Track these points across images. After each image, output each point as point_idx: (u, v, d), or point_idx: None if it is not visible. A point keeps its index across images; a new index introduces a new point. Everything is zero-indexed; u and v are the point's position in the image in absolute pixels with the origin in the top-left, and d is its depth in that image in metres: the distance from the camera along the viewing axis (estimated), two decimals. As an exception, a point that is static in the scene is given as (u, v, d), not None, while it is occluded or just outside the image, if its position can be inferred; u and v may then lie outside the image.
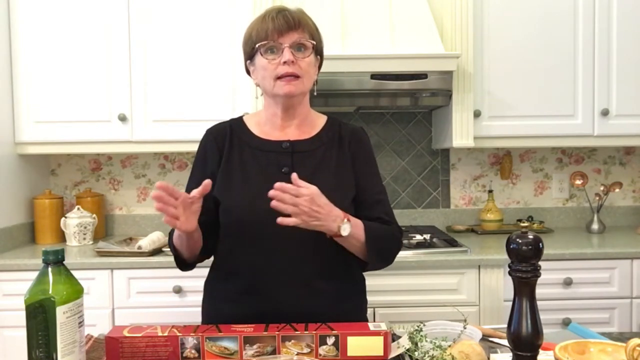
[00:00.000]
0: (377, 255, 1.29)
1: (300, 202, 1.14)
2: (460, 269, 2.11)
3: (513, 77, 2.39)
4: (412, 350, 1.07)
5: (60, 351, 0.96)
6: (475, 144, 2.37)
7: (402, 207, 2.75)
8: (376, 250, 1.28)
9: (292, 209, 1.14)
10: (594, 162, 2.80)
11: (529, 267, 0.93)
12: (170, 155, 2.73)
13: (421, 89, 2.24)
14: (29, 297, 0.96)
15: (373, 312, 2.08)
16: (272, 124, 1.36)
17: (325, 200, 1.18)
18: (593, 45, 2.39)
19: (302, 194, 1.14)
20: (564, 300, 2.13)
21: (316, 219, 1.17)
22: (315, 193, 1.16)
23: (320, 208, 1.17)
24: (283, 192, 1.13)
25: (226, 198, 1.29)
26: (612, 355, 0.94)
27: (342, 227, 1.20)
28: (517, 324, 0.94)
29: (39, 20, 2.35)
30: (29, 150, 2.41)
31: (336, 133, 1.37)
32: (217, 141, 1.35)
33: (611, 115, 2.40)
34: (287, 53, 1.24)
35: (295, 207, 1.14)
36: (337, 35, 2.24)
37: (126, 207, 2.74)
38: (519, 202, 2.79)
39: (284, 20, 1.25)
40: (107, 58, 2.36)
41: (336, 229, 1.20)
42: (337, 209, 1.21)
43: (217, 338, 1.07)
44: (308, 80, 1.30)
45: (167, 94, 2.37)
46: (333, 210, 1.19)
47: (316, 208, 1.16)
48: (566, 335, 1.19)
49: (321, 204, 1.17)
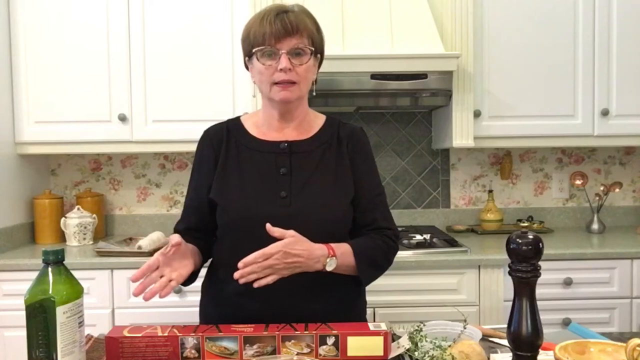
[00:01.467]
0: (369, 274, 1.31)
1: (272, 263, 1.14)
2: (460, 269, 2.11)
3: (513, 77, 2.39)
4: (412, 350, 1.07)
5: (60, 351, 0.96)
6: (475, 144, 2.37)
7: (402, 207, 2.75)
8: (368, 271, 1.30)
9: (268, 272, 1.15)
10: (594, 162, 2.80)
11: (529, 267, 0.93)
12: (170, 155, 2.73)
13: (421, 89, 2.23)
14: (29, 297, 0.96)
15: (373, 312, 2.08)
16: (270, 125, 1.35)
17: (302, 245, 1.17)
18: (593, 45, 2.39)
19: (270, 254, 1.14)
20: (564, 300, 2.13)
21: (297, 267, 1.18)
22: (287, 244, 1.15)
23: (297, 257, 1.17)
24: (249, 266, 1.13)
25: (223, 199, 1.29)
26: (612, 355, 0.94)
27: (328, 264, 1.21)
28: (517, 324, 0.94)
29: (38, 20, 2.35)
30: (29, 150, 2.41)
31: (335, 133, 1.36)
32: (214, 142, 1.34)
33: (611, 115, 2.40)
34: (284, 60, 1.22)
35: (270, 269, 1.15)
36: (337, 35, 2.24)
37: (126, 207, 2.74)
38: (519, 202, 2.79)
39: (282, 25, 1.22)
40: (107, 58, 2.36)
41: (321, 268, 1.21)
42: (319, 247, 1.21)
43: (217, 338, 1.07)
44: (305, 85, 1.29)
45: (167, 94, 2.37)
46: (314, 251, 1.19)
47: (292, 260, 1.16)
48: (566, 335, 1.19)
49: (298, 252, 1.16)
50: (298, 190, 1.27)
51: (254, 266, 1.13)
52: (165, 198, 2.74)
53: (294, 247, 1.16)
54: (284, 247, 1.15)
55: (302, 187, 1.28)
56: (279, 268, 1.15)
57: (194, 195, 1.35)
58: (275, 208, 1.25)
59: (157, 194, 2.74)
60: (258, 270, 1.14)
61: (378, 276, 1.35)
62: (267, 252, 1.14)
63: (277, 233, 1.16)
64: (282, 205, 1.25)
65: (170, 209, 2.73)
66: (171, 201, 2.73)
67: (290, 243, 1.16)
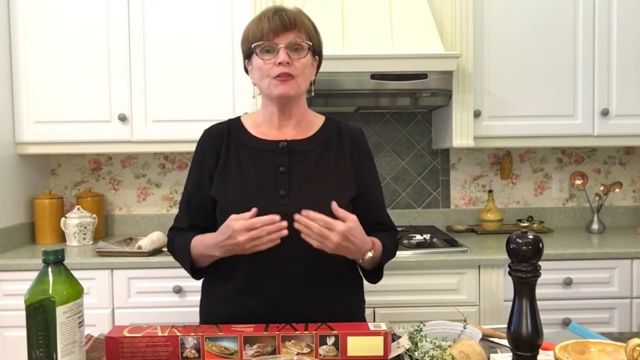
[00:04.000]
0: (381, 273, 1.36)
1: (329, 235, 1.15)
2: (460, 269, 2.11)
3: (513, 77, 2.39)
4: (412, 350, 1.07)
5: (60, 351, 0.96)
6: (475, 144, 2.37)
7: (402, 207, 2.75)
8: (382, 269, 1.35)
9: (318, 239, 1.15)
10: (594, 162, 2.80)
11: (529, 267, 0.93)
12: (170, 155, 2.73)
13: (421, 89, 2.24)
14: (29, 297, 0.96)
15: (373, 312, 2.08)
16: (269, 124, 1.35)
17: (359, 235, 1.19)
18: (593, 45, 2.39)
19: (335, 229, 1.14)
20: (564, 300, 2.13)
21: (344, 251, 1.18)
22: (350, 229, 1.15)
23: (351, 244, 1.17)
24: (311, 220, 1.14)
25: (223, 198, 1.29)
26: (612, 355, 0.94)
27: (366, 258, 1.24)
28: (517, 324, 0.93)
29: (39, 20, 2.35)
30: (29, 150, 2.41)
31: (334, 133, 1.37)
32: (215, 142, 1.35)
33: (611, 115, 2.40)
34: (282, 54, 1.24)
35: (322, 239, 1.15)
36: (337, 35, 2.24)
37: (126, 207, 2.74)
38: (519, 202, 2.79)
39: (280, 21, 1.25)
40: (107, 58, 2.36)
41: (360, 258, 1.24)
42: (368, 239, 1.23)
43: (217, 338, 1.07)
44: (303, 80, 1.30)
45: (167, 94, 2.37)
46: (364, 244, 1.22)
47: (346, 244, 1.16)
48: (566, 335, 1.19)
49: (354, 240, 1.17)
50: (297, 189, 1.28)
51: (314, 224, 1.14)
52: (165, 198, 2.74)
53: (353, 234, 1.17)
54: (347, 231, 1.15)
55: (300, 186, 1.28)
56: (331, 244, 1.15)
57: (196, 193, 1.35)
58: (273, 207, 1.25)
59: (157, 194, 2.74)
60: (315, 230, 1.14)
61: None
62: (331, 224, 1.14)
63: (340, 213, 1.17)
64: (280, 204, 1.26)
65: (170, 209, 2.73)
66: (171, 201, 2.73)
67: (352, 229, 1.16)
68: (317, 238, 1.15)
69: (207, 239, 1.27)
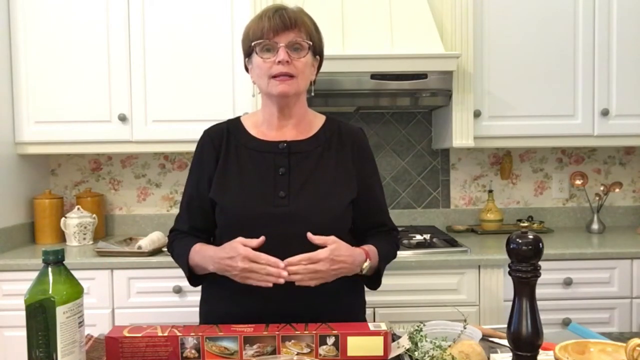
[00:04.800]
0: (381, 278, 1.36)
1: (318, 268, 1.15)
2: (460, 269, 2.11)
3: (513, 77, 2.39)
4: (412, 350, 1.07)
5: (60, 351, 0.96)
6: (475, 144, 2.37)
7: (402, 207, 2.75)
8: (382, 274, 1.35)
9: (312, 277, 1.16)
10: (594, 162, 2.80)
11: (529, 267, 0.93)
12: (170, 155, 2.73)
13: (421, 89, 2.23)
14: (29, 297, 0.96)
15: (373, 312, 2.08)
16: (269, 124, 1.35)
17: (346, 251, 1.19)
18: (593, 45, 2.39)
19: (319, 258, 1.15)
20: (564, 300, 2.13)
21: (341, 273, 1.19)
22: (333, 251, 1.16)
23: (342, 264, 1.18)
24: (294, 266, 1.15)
25: (223, 199, 1.29)
26: (612, 355, 0.94)
27: (365, 268, 1.25)
28: (517, 324, 0.93)
29: (39, 20, 2.35)
30: (29, 150, 2.41)
31: (335, 133, 1.37)
32: (214, 142, 1.35)
33: (611, 115, 2.40)
34: (282, 53, 1.24)
35: (314, 274, 1.15)
36: (337, 35, 2.24)
37: (126, 207, 2.74)
38: (519, 202, 2.79)
39: (280, 20, 1.25)
40: (107, 58, 2.36)
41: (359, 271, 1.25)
42: (359, 252, 1.24)
43: (217, 338, 1.07)
44: (303, 80, 1.29)
45: (167, 94, 2.37)
46: (356, 257, 1.22)
47: (338, 266, 1.17)
48: (566, 335, 1.19)
49: (343, 259, 1.18)
50: (297, 190, 1.28)
51: (299, 267, 1.15)
52: (165, 198, 2.74)
53: (340, 254, 1.17)
54: (331, 254, 1.16)
55: (300, 187, 1.28)
56: (324, 274, 1.16)
57: (196, 195, 1.35)
58: (273, 208, 1.25)
59: (157, 194, 2.74)
60: (304, 272, 1.15)
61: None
62: (314, 257, 1.15)
63: (318, 241, 1.17)
64: (280, 205, 1.26)
65: (170, 209, 2.73)
66: (171, 201, 2.73)
67: (336, 249, 1.17)
68: (310, 277, 1.16)
69: (206, 251, 1.28)
